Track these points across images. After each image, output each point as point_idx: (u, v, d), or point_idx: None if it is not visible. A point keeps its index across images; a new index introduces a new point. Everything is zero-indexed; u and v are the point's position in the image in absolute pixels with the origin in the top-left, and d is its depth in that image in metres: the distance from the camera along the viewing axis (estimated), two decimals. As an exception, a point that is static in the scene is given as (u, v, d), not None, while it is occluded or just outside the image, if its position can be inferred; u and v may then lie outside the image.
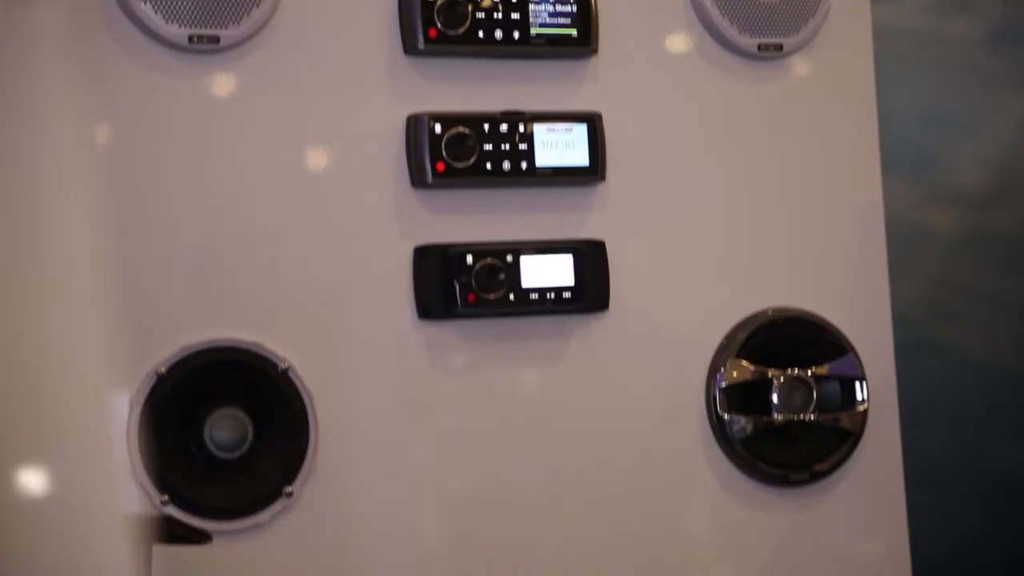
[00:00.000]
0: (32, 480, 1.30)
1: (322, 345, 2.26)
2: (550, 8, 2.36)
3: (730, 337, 2.48)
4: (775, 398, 2.46)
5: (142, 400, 2.14)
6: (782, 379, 2.46)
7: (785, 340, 2.50)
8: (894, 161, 2.97)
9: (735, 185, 2.50)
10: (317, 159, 2.28)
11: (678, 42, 2.48)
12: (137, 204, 2.17)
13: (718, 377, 2.46)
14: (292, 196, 2.26)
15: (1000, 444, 3.54)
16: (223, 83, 2.23)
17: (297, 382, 2.23)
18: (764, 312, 2.50)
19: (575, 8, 2.37)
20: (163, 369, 2.16)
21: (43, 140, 1.29)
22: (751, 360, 2.47)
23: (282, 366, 2.22)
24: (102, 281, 1.34)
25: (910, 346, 2.95)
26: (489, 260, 2.31)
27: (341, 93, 2.29)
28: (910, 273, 3.43)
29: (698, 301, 2.47)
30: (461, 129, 2.30)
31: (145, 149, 2.19)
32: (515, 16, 2.34)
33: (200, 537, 2.05)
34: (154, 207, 2.19)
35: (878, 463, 2.56)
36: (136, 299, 2.15)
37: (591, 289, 2.37)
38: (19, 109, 1.26)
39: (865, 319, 2.56)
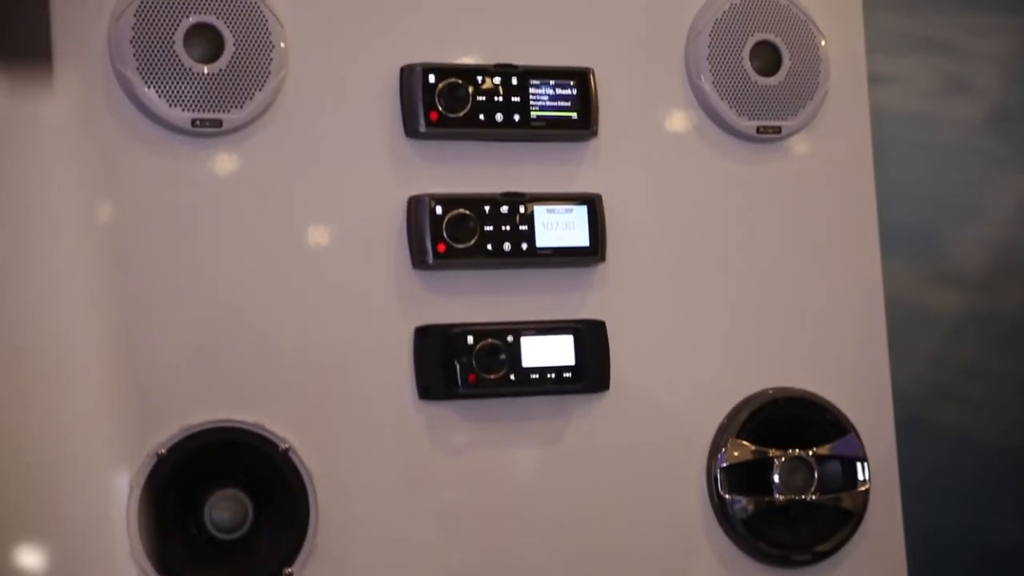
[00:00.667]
0: (32, 560, 1.30)
1: (323, 425, 2.26)
2: (550, 91, 2.38)
3: (731, 417, 2.48)
4: (776, 478, 2.46)
5: (142, 481, 2.14)
6: (783, 459, 2.46)
7: (786, 420, 2.50)
8: (894, 241, 2.98)
9: (735, 265, 2.51)
10: (319, 240, 2.29)
11: (677, 124, 2.50)
12: (139, 284, 2.18)
13: (719, 457, 2.46)
14: (294, 276, 2.27)
15: (1000, 522, 3.53)
16: (226, 165, 2.25)
17: (297, 462, 2.23)
18: (765, 392, 2.50)
19: (575, 91, 2.39)
20: (163, 450, 2.16)
21: (47, 221, 1.30)
22: (752, 440, 2.47)
23: (282, 446, 2.22)
24: (103, 361, 1.35)
25: (911, 424, 2.95)
26: (490, 340, 2.32)
27: (343, 175, 2.30)
28: (910, 352, 3.43)
29: (699, 381, 2.47)
30: (462, 210, 2.32)
31: (148, 229, 2.20)
32: (515, 99, 2.36)
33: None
34: (155, 287, 2.20)
35: (880, 544, 2.55)
36: (137, 379, 2.15)
37: (591, 369, 2.38)
38: (25, 190, 1.28)
39: (866, 399, 2.56)
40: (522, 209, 2.36)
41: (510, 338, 2.33)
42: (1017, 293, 3.61)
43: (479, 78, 2.34)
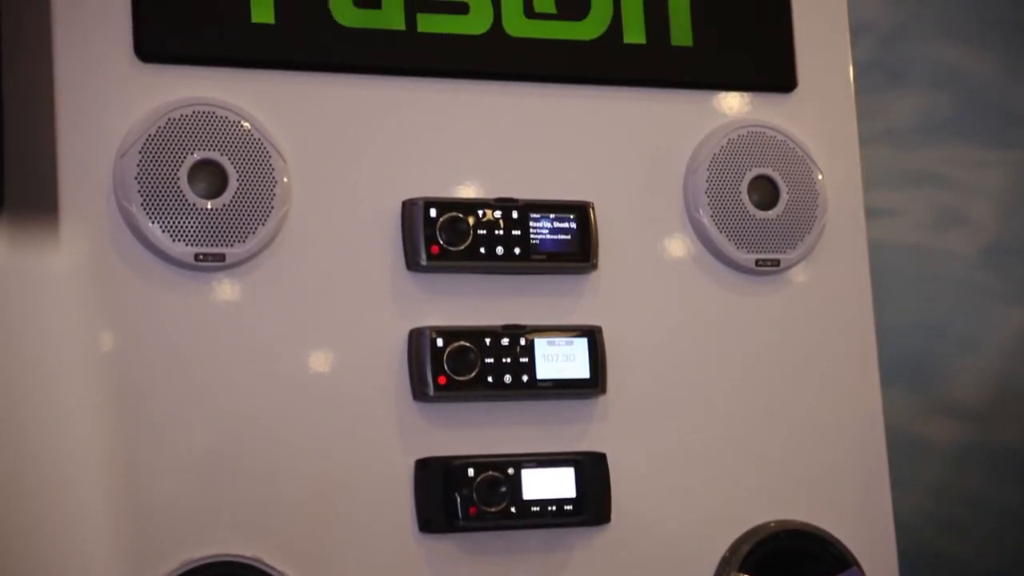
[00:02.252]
0: None
1: (323, 559, 2.25)
2: (550, 225, 2.40)
3: (733, 550, 2.47)
4: (779, 612, 2.44)
5: (142, 615, 2.13)
6: (786, 592, 2.45)
7: (789, 553, 2.48)
8: (894, 372, 2.99)
9: (735, 397, 2.51)
10: (320, 372, 2.30)
11: (677, 257, 2.51)
12: (140, 417, 2.19)
13: (721, 591, 2.45)
14: (295, 408, 2.27)
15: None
16: (228, 298, 2.26)
17: (298, 597, 2.22)
18: (767, 525, 2.49)
19: (575, 225, 2.41)
20: (164, 584, 2.15)
21: (48, 354, 1.31)
22: (755, 573, 2.45)
23: (283, 581, 2.21)
24: (102, 493, 1.35)
25: (913, 557, 2.94)
26: (491, 473, 2.32)
27: (345, 307, 2.32)
28: (912, 484, 3.42)
29: (700, 513, 2.47)
30: (463, 343, 2.33)
31: (149, 362, 2.21)
32: (516, 232, 2.38)
33: None
34: (156, 420, 2.20)
35: None
36: (137, 512, 2.15)
37: (592, 502, 2.37)
38: (27, 324, 1.28)
39: (868, 531, 2.55)
40: (522, 341, 2.37)
41: (511, 471, 2.33)
42: (1018, 425, 3.61)
43: (480, 212, 2.36)
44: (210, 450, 2.22)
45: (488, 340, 2.35)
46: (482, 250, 2.36)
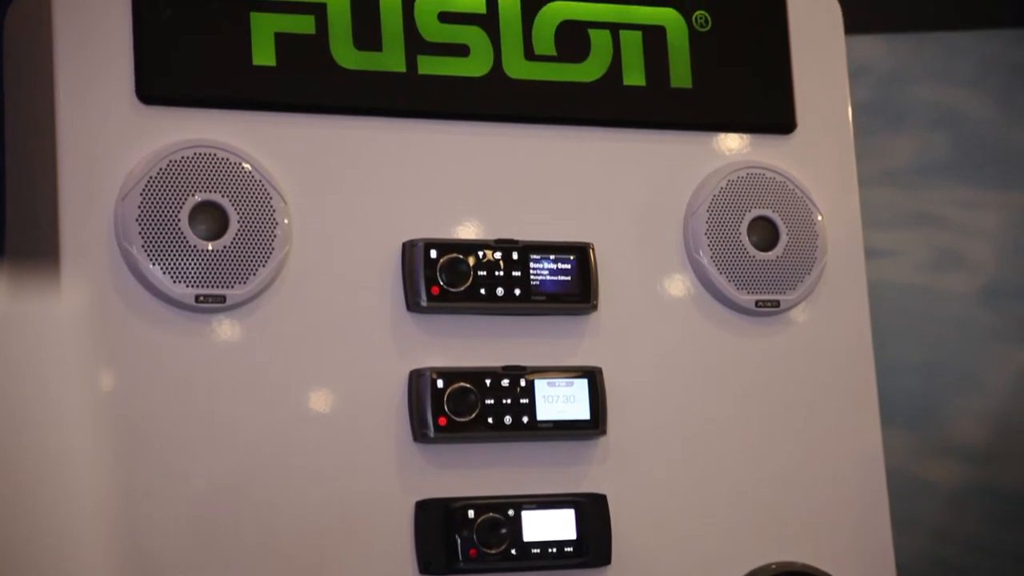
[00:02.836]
0: None
1: (323, 601, 2.25)
2: (551, 266, 2.40)
3: (734, 592, 2.46)
4: (781, 654, 2.43)
5: (141, 658, 2.12)
6: (787, 635, 2.44)
7: (789, 594, 2.48)
8: (894, 413, 2.99)
9: (735, 438, 2.51)
10: (320, 413, 2.29)
11: (677, 298, 2.51)
12: (139, 458, 2.18)
13: (722, 632, 2.44)
14: (294, 449, 2.27)
15: None
16: (228, 339, 2.26)
17: (298, 639, 2.21)
18: (768, 567, 2.48)
19: (575, 266, 2.41)
20: (163, 626, 2.14)
21: (49, 397, 1.31)
22: (755, 615, 2.45)
23: (283, 623, 2.20)
24: (100, 533, 1.34)
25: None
26: (491, 515, 2.31)
27: (345, 348, 2.32)
28: (913, 526, 3.42)
29: (701, 554, 2.46)
30: (463, 384, 2.33)
31: (149, 403, 2.21)
32: (516, 273, 2.38)
33: None
34: (155, 461, 2.19)
35: None
36: (135, 554, 2.14)
37: (593, 544, 2.37)
38: (27, 368, 1.28)
39: (869, 573, 2.54)
40: (523, 382, 2.37)
41: (511, 512, 2.33)
42: (1019, 466, 3.60)
43: (480, 253, 2.37)
44: (210, 491, 2.22)
45: (488, 381, 2.35)
46: (482, 291, 2.36)
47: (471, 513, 2.30)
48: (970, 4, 3.89)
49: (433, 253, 2.34)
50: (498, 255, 2.38)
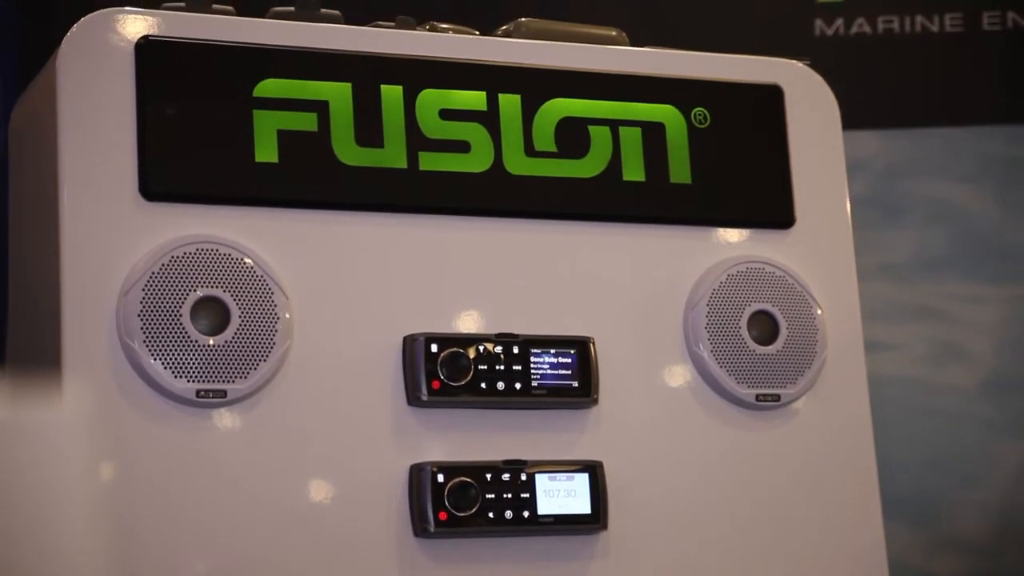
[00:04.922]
0: None
1: None
2: (551, 360, 2.40)
3: None
4: None
5: None
6: None
7: None
8: (896, 507, 2.98)
9: (737, 532, 2.50)
10: (321, 507, 2.29)
11: (677, 392, 2.51)
12: (139, 553, 2.17)
13: None
14: (294, 544, 2.26)
15: None
16: (229, 433, 2.26)
17: None
18: (770, 662, 2.47)
19: (575, 360, 2.42)
20: None
21: (46, 490, 1.31)
22: None
23: None
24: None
25: None
26: (492, 610, 2.30)
27: (345, 443, 2.31)
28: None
29: (703, 651, 2.45)
30: (464, 478, 2.32)
31: (149, 498, 2.20)
32: (517, 367, 2.38)
33: None
34: (156, 555, 2.19)
35: None
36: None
37: (594, 639, 2.35)
38: (27, 468, 1.28)
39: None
40: (523, 476, 2.36)
41: (512, 608, 2.32)
42: (1019, 559, 3.59)
43: (481, 347, 2.37)
44: (210, 587, 2.21)
45: (489, 475, 2.34)
46: (483, 385, 2.36)
47: (472, 609, 2.29)
48: (968, 100, 3.92)
49: (434, 347, 2.34)
50: (499, 349, 2.38)
